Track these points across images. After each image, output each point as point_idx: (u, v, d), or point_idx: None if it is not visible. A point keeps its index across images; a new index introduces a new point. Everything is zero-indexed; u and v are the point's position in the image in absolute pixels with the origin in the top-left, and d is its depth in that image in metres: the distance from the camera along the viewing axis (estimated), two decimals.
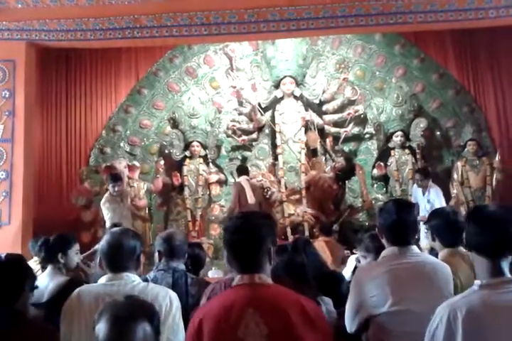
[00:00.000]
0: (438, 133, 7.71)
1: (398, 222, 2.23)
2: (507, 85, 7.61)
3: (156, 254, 2.87)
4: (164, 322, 2.00)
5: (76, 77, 7.72)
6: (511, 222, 1.66)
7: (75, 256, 3.24)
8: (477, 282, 1.67)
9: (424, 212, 6.09)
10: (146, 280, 2.57)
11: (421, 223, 3.97)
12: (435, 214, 2.93)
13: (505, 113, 7.61)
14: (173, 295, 2.12)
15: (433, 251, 3.41)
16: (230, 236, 1.78)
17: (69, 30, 6.05)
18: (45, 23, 6.08)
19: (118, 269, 2.13)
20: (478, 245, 1.68)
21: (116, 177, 6.24)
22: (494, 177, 7.01)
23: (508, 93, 7.61)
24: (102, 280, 2.13)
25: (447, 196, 7.05)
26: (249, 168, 7.50)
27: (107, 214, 6.09)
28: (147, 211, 7.43)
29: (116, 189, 6.10)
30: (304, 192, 7.31)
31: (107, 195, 6.25)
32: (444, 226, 2.71)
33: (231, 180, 7.73)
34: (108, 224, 5.98)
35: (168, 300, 2.06)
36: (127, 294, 1.64)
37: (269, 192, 7.24)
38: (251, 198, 6.47)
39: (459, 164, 7.23)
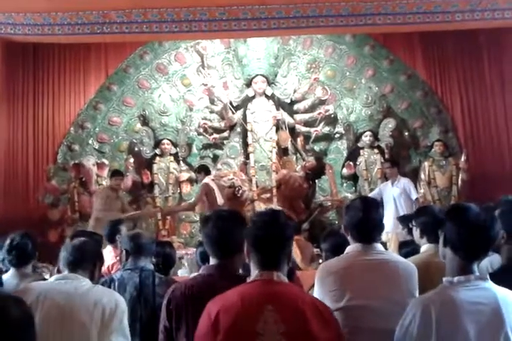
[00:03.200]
0: (406, 133, 7.83)
1: (364, 220, 2.25)
2: (472, 87, 7.80)
3: (124, 253, 2.84)
4: (108, 324, 2.00)
5: (44, 72, 7.55)
6: (491, 226, 1.72)
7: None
8: (448, 279, 1.72)
9: (391, 200, 6.34)
10: (112, 280, 2.55)
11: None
12: (423, 211, 3.01)
13: (470, 114, 7.80)
14: (120, 298, 2.12)
15: (402, 249, 3.49)
16: (258, 231, 1.78)
17: (36, 24, 5.92)
18: (10, 16, 5.93)
19: (71, 270, 2.14)
20: (455, 244, 1.73)
21: (115, 173, 6.57)
22: (460, 177, 7.17)
23: (474, 95, 7.80)
24: (52, 278, 2.15)
25: None
26: (220, 167, 7.52)
27: (98, 203, 6.23)
28: None
29: (116, 182, 6.39)
30: (274, 190, 7.32)
31: (104, 186, 6.53)
32: (431, 223, 2.77)
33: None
34: (96, 215, 6.10)
35: (113, 303, 2.05)
36: None
37: (240, 191, 7.24)
38: (220, 199, 6.45)
39: (426, 164, 7.37)
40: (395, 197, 6.47)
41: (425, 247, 2.85)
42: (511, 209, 2.02)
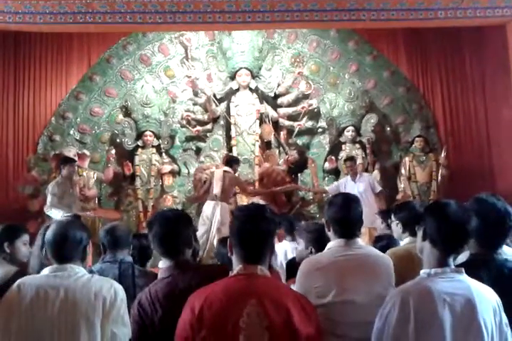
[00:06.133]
0: (388, 129, 7.92)
1: (346, 216, 2.30)
2: (454, 84, 7.91)
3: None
4: (108, 314, 1.99)
5: (25, 61, 7.44)
6: (468, 222, 1.80)
7: (22, 246, 3.13)
8: (426, 271, 1.80)
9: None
10: (91, 271, 2.55)
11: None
12: (403, 206, 3.10)
13: (451, 111, 7.91)
14: (118, 287, 2.09)
15: (377, 243, 3.54)
16: (242, 225, 1.80)
17: (17, 12, 5.81)
18: None
19: (63, 260, 2.09)
20: (435, 238, 1.80)
21: (68, 159, 6.18)
22: (440, 172, 7.28)
23: (455, 92, 7.91)
24: (46, 271, 2.09)
25: (395, 190, 7.30)
26: (203, 159, 7.51)
27: (51, 200, 5.77)
28: (97, 201, 7.29)
29: (70, 170, 5.93)
30: (257, 184, 7.36)
31: (56, 179, 6.04)
32: (410, 217, 2.87)
33: (184, 170, 7.69)
34: (46, 210, 5.77)
35: (112, 292, 2.03)
36: None
37: None
38: (215, 188, 6.38)
39: (407, 159, 7.47)
40: (360, 192, 6.25)
41: (407, 240, 2.93)
42: (478, 209, 2.09)
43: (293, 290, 1.91)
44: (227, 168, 6.56)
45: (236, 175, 6.74)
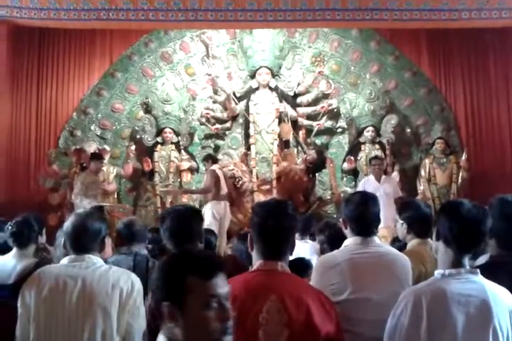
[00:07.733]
0: (408, 130, 7.84)
1: (363, 214, 2.27)
2: (476, 86, 7.79)
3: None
4: (124, 305, 2.01)
5: (48, 57, 7.56)
6: (482, 221, 1.75)
7: (44, 234, 3.19)
8: (440, 271, 1.76)
9: (383, 196, 6.07)
10: (106, 262, 2.58)
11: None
12: (408, 205, 2.98)
13: (473, 113, 7.79)
14: (135, 278, 2.11)
15: (395, 243, 3.51)
16: (263, 221, 1.79)
17: (42, 8, 5.94)
18: None
19: (81, 251, 2.11)
20: (448, 238, 1.76)
21: (96, 156, 6.50)
22: (460, 175, 7.18)
23: (477, 94, 7.79)
24: (64, 261, 2.12)
25: (414, 192, 7.23)
26: (221, 157, 7.55)
27: (79, 189, 6.01)
28: (116, 196, 7.38)
29: (97, 166, 6.32)
30: (274, 182, 7.35)
31: (86, 171, 6.34)
32: (416, 217, 2.77)
33: (203, 168, 7.72)
34: (75, 198, 5.95)
35: (129, 284, 2.05)
36: None
37: (240, 182, 7.27)
38: (224, 188, 6.47)
39: (427, 161, 7.38)
40: (387, 193, 6.10)
41: (415, 241, 2.77)
42: (501, 210, 2.04)
43: (312, 287, 1.90)
44: (218, 166, 6.68)
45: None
